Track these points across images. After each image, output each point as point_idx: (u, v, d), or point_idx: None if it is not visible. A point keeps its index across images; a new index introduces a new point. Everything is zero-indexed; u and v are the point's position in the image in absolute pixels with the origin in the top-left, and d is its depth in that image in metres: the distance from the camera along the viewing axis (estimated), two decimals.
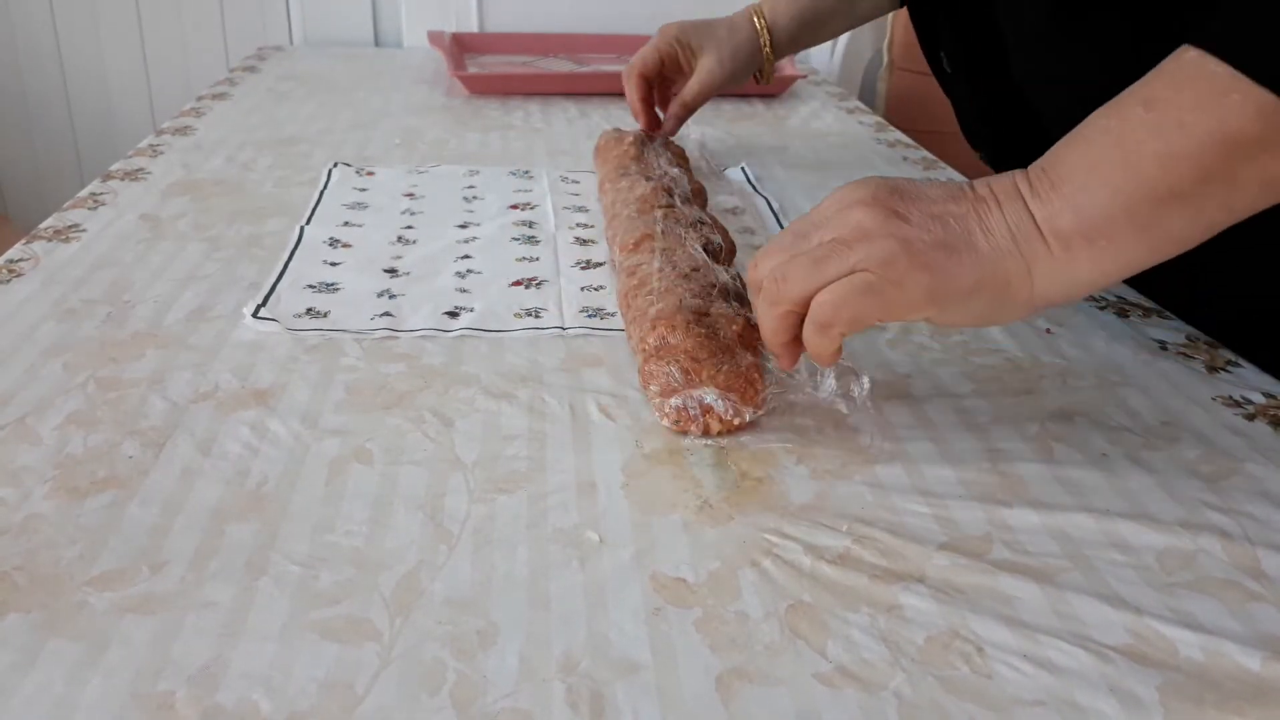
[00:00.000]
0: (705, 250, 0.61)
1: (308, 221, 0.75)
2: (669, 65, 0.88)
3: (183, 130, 0.98)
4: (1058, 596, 0.38)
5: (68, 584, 0.37)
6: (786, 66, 1.27)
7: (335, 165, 0.88)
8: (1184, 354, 0.58)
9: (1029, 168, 0.44)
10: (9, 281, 0.62)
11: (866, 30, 1.59)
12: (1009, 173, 0.45)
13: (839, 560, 0.40)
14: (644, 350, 0.52)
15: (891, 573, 0.39)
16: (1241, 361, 0.57)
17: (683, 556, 0.40)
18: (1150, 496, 0.45)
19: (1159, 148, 0.40)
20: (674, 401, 0.48)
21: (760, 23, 0.87)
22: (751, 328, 0.53)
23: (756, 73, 0.90)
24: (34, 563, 0.38)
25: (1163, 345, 0.59)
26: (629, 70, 0.88)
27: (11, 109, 1.68)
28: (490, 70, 1.32)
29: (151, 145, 0.93)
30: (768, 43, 0.88)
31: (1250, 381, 0.55)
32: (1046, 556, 0.41)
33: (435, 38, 1.34)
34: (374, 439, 0.47)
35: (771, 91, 1.22)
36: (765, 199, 0.84)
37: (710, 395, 0.48)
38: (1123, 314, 0.63)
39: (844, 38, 1.57)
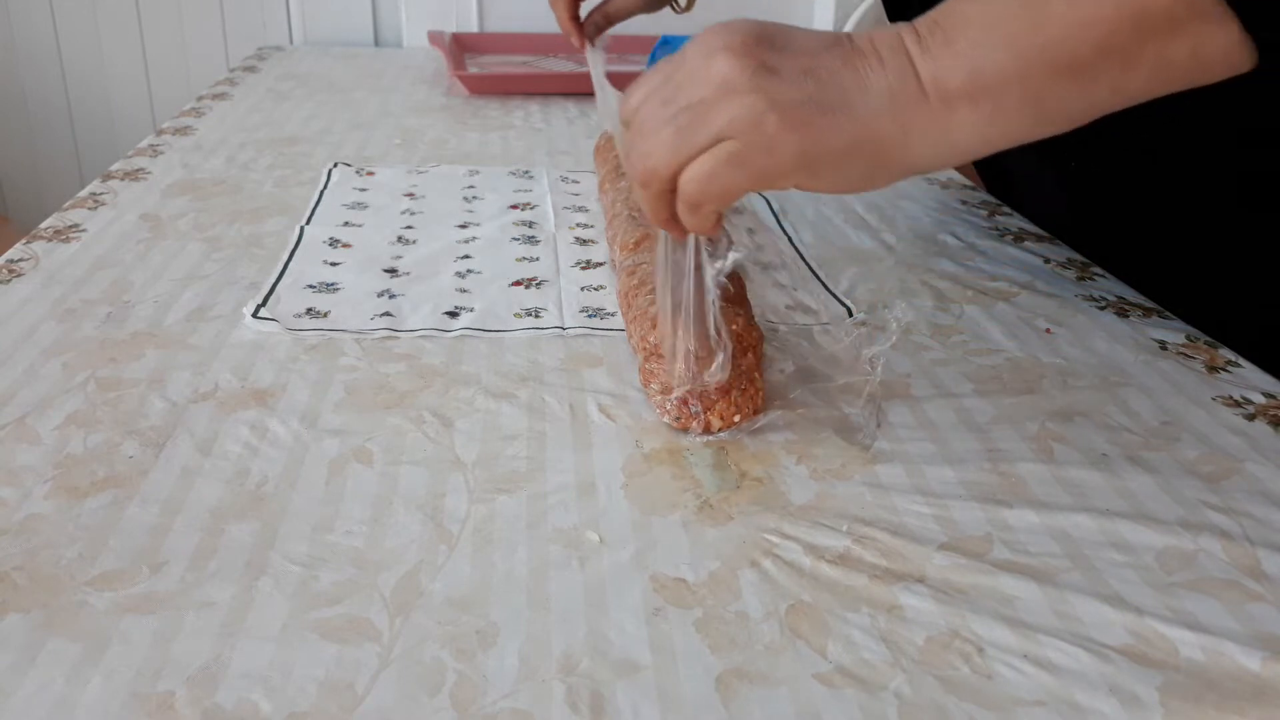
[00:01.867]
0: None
1: (308, 221, 0.75)
2: None
3: (183, 130, 0.98)
4: (1058, 596, 0.38)
5: (68, 584, 0.37)
6: None
7: (335, 165, 0.88)
8: (1184, 354, 0.58)
9: (920, 18, 0.41)
10: (9, 281, 0.62)
11: (866, 30, 1.59)
12: (895, 25, 0.41)
13: (839, 560, 0.40)
14: (645, 349, 0.52)
15: (891, 573, 0.39)
16: (1241, 361, 0.57)
17: (683, 556, 0.40)
18: (1150, 496, 0.45)
19: (1065, 11, 0.38)
20: (675, 399, 0.48)
21: None
22: (751, 327, 0.53)
23: (674, 3, 0.91)
24: (34, 563, 0.38)
25: (1163, 345, 0.59)
26: None
27: (11, 109, 1.68)
28: (490, 70, 1.32)
29: (151, 145, 0.93)
30: None
31: (1250, 381, 0.55)
32: (1046, 556, 0.41)
33: (435, 38, 1.34)
34: (374, 439, 0.47)
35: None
36: (765, 199, 0.84)
37: (711, 392, 0.48)
38: (1123, 314, 0.63)
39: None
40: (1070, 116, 0.40)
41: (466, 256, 0.69)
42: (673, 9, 0.91)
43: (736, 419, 0.48)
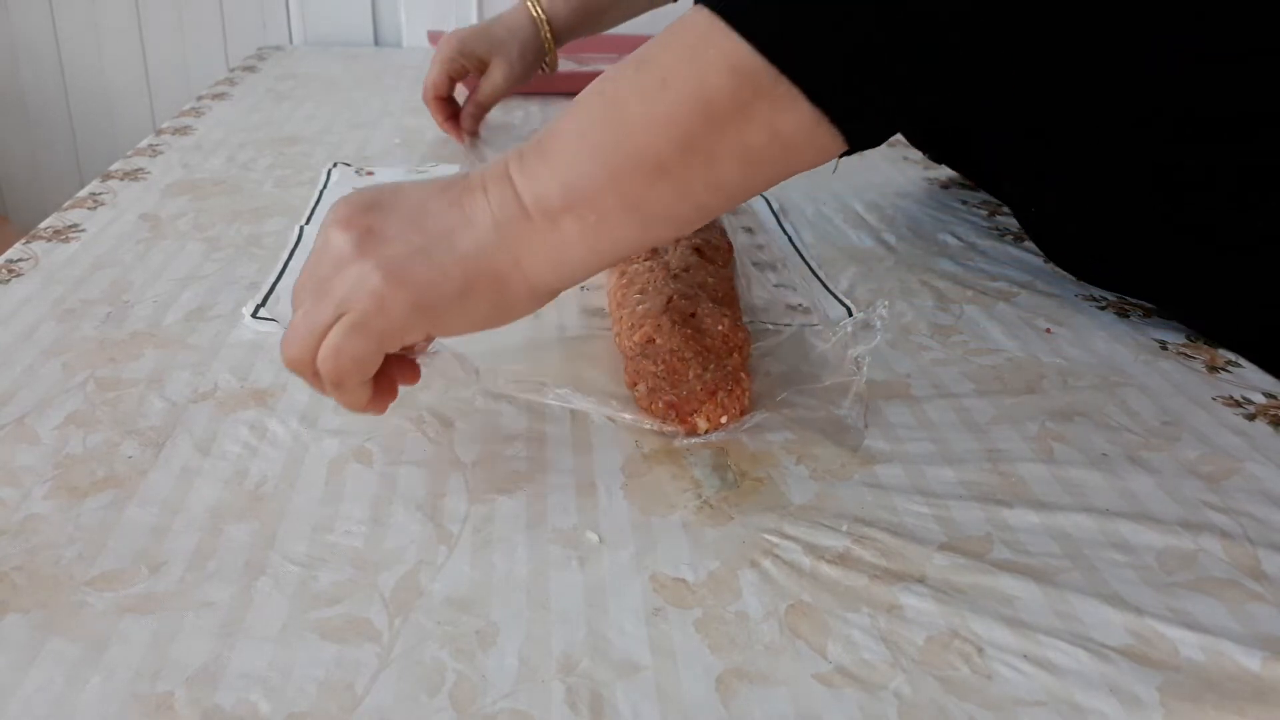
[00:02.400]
0: (701, 252, 0.61)
1: (307, 221, 0.75)
2: (460, 80, 0.91)
3: (183, 130, 0.98)
4: (1058, 596, 0.38)
5: (67, 584, 0.37)
6: None
7: (335, 165, 0.88)
8: (1184, 354, 0.58)
9: (526, 144, 0.41)
10: (9, 281, 0.62)
11: None
12: (505, 154, 0.41)
13: (839, 560, 0.40)
14: (630, 349, 0.52)
15: (891, 573, 0.39)
16: (1241, 361, 0.57)
17: (683, 556, 0.40)
18: (1150, 496, 0.45)
19: (642, 112, 0.37)
20: (661, 401, 0.48)
21: (540, 15, 0.89)
22: (737, 327, 0.53)
23: (543, 65, 0.92)
24: (34, 563, 0.38)
25: (1163, 345, 0.59)
26: (425, 96, 0.92)
27: (11, 109, 1.68)
28: None
29: (151, 145, 0.93)
30: (549, 34, 0.89)
31: (1250, 381, 0.55)
32: (1046, 556, 0.41)
33: (435, 38, 1.34)
34: (373, 439, 0.47)
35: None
36: (765, 199, 0.84)
37: (698, 394, 0.48)
38: (1123, 314, 0.63)
39: None
40: (677, 217, 0.40)
41: None
42: (542, 70, 0.94)
43: (723, 420, 0.48)
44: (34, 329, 0.56)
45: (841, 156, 0.40)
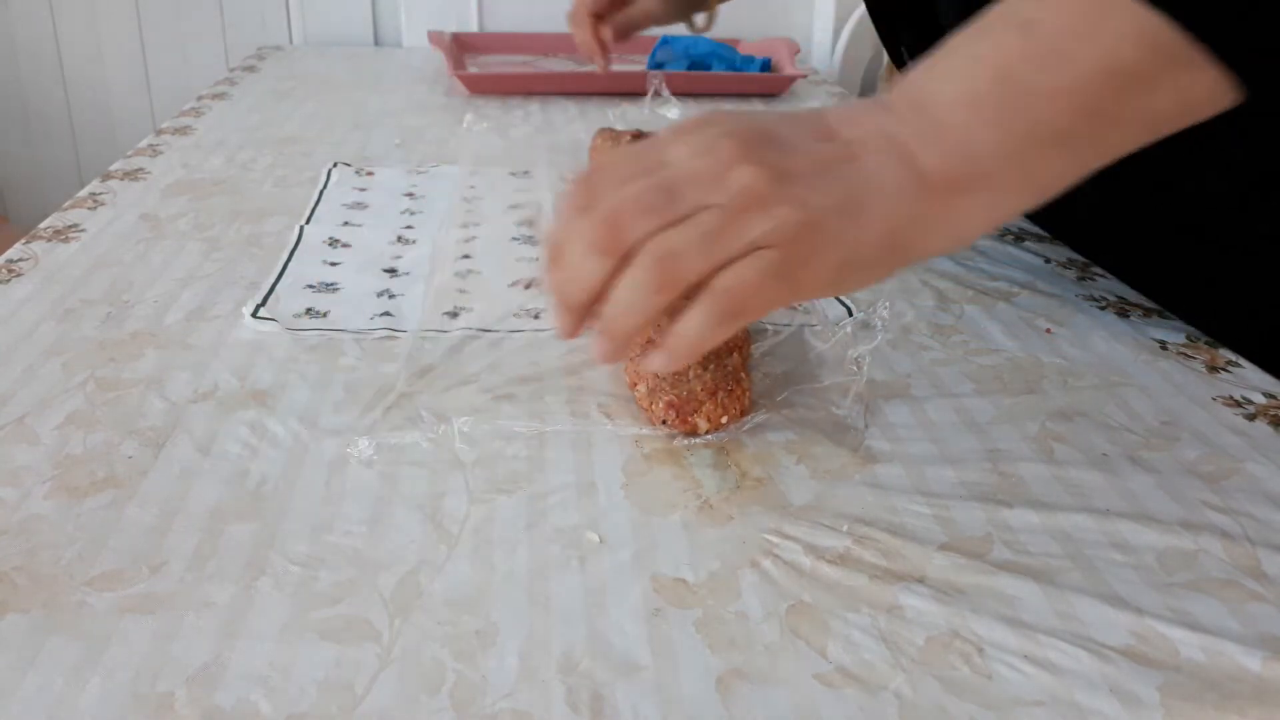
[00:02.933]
0: None
1: (307, 221, 0.75)
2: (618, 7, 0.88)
3: (183, 130, 0.98)
4: (1058, 596, 0.38)
5: (67, 584, 0.37)
6: (786, 66, 1.27)
7: (335, 165, 0.88)
8: (1184, 354, 0.58)
9: (894, 99, 0.39)
10: (9, 281, 0.62)
11: (866, 31, 1.59)
12: (870, 107, 0.40)
13: (839, 560, 0.40)
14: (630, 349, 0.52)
15: (891, 573, 0.39)
16: (1241, 361, 0.57)
17: (683, 557, 0.40)
18: (1150, 496, 0.45)
19: (1043, 82, 0.37)
20: (661, 401, 0.48)
21: None
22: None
23: (690, 20, 0.91)
24: (34, 563, 0.38)
25: (1163, 345, 0.59)
26: (577, 9, 0.88)
27: (11, 109, 1.68)
28: (490, 70, 1.32)
29: (151, 145, 0.93)
30: None
31: (1250, 381, 0.55)
32: (1046, 556, 0.41)
33: (435, 38, 1.34)
34: (373, 439, 0.47)
35: (772, 91, 1.22)
36: None
37: (698, 394, 0.48)
38: (1123, 314, 0.63)
39: (844, 37, 1.57)
40: (1063, 181, 0.39)
41: (466, 256, 0.69)
42: (689, 26, 0.91)
43: (724, 420, 0.48)
44: (34, 329, 0.56)
45: None
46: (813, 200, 0.37)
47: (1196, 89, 0.37)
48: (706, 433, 0.48)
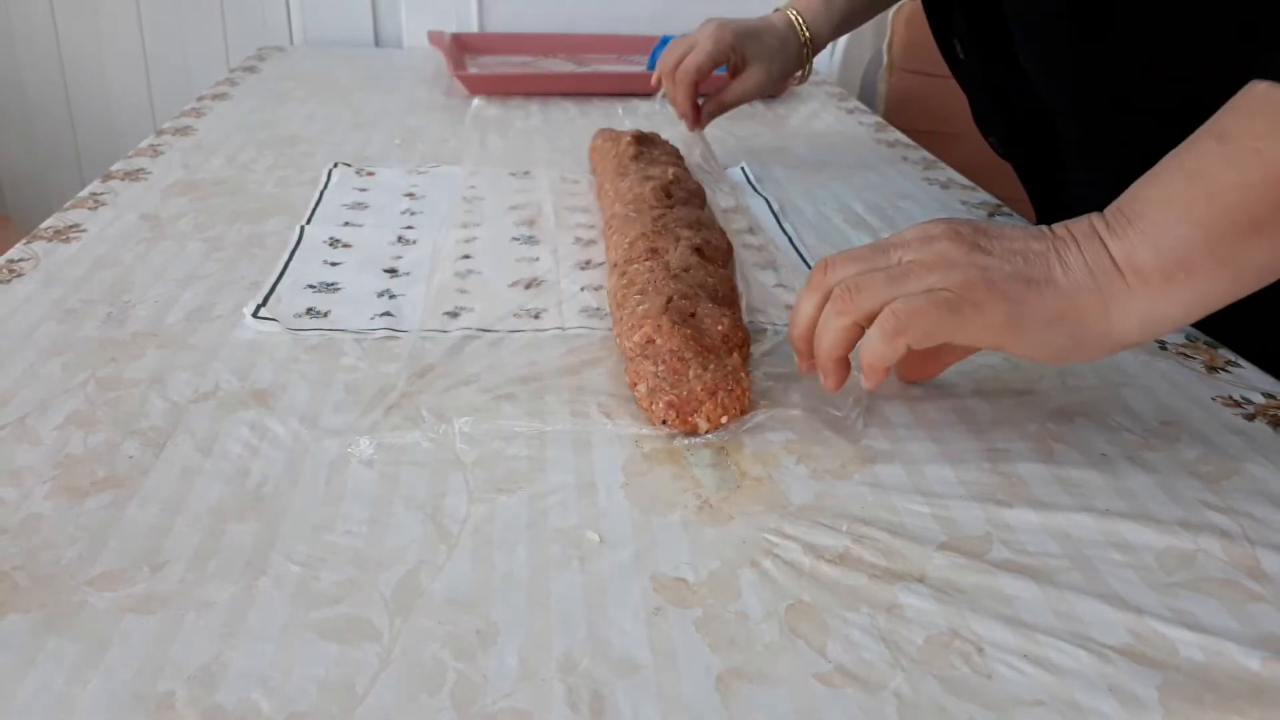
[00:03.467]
0: (701, 252, 0.61)
1: (308, 221, 0.75)
2: (716, 68, 0.89)
3: (183, 130, 0.98)
4: (1058, 596, 0.38)
5: (68, 584, 0.37)
6: None
7: (335, 165, 0.88)
8: (1184, 354, 0.58)
9: (1106, 209, 0.45)
10: (9, 281, 0.62)
11: (866, 30, 1.59)
12: (1086, 215, 0.45)
13: (839, 560, 0.40)
14: (630, 349, 0.52)
15: (891, 573, 0.39)
16: (1241, 361, 0.57)
17: (683, 556, 0.40)
18: (1150, 496, 0.45)
19: (1234, 178, 0.41)
20: (661, 401, 0.48)
21: (803, 32, 0.88)
22: (737, 327, 0.53)
23: (794, 77, 0.92)
24: (34, 563, 0.38)
25: (1163, 345, 0.59)
26: (683, 74, 0.88)
27: (11, 109, 1.68)
28: (490, 70, 1.32)
29: (152, 145, 0.93)
30: (809, 51, 0.89)
31: (1250, 381, 0.55)
32: (1046, 556, 0.41)
33: (435, 38, 1.34)
34: (374, 439, 0.47)
35: (772, 93, 1.22)
36: (765, 199, 0.84)
37: (698, 394, 0.48)
38: None
39: (844, 38, 1.57)
40: (1270, 268, 0.42)
41: (467, 256, 0.69)
42: (795, 82, 0.93)
43: (724, 420, 0.48)
44: (35, 329, 0.56)
45: None
46: (995, 265, 0.43)
47: None
48: (706, 432, 0.48)
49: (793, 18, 0.89)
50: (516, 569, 0.39)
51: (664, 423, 0.48)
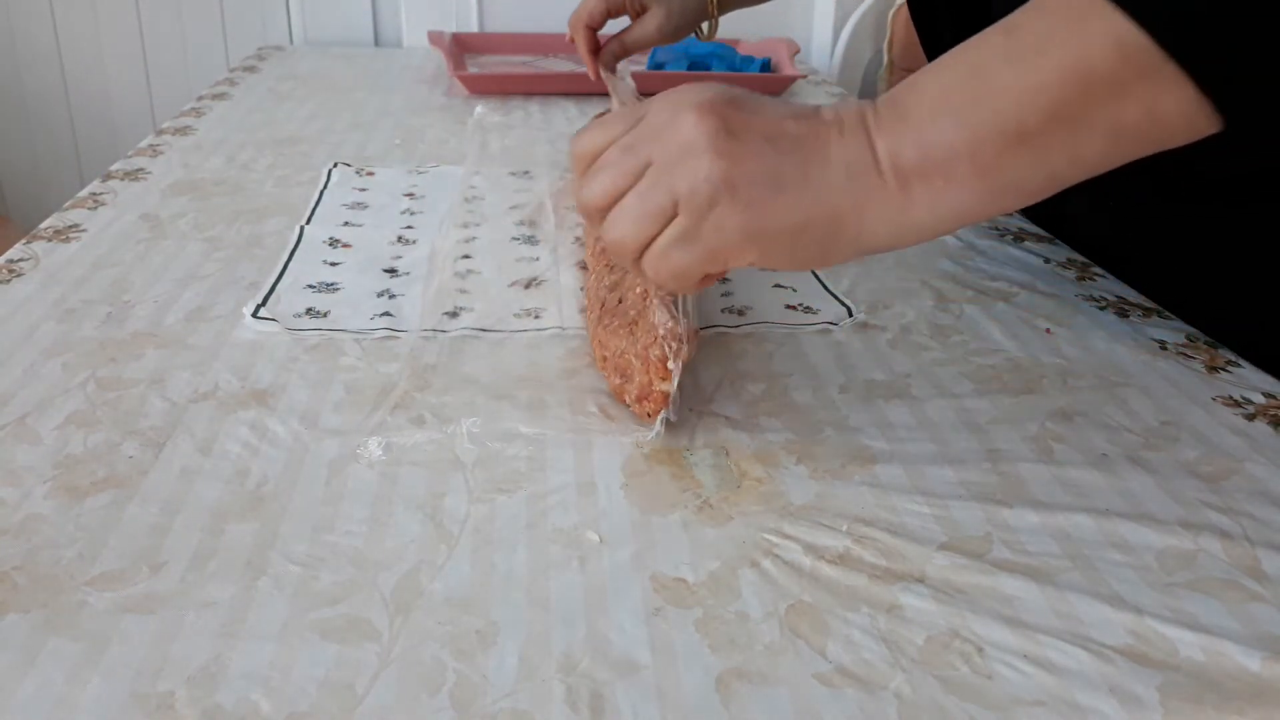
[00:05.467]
0: None
1: (308, 221, 0.75)
2: (615, 16, 0.88)
3: (183, 130, 0.98)
4: (1058, 596, 0.38)
5: (68, 584, 0.37)
6: (786, 67, 1.27)
7: (335, 165, 0.88)
8: (1184, 354, 0.58)
9: (881, 97, 0.41)
10: (9, 281, 0.62)
11: (866, 30, 1.59)
12: (860, 101, 0.41)
13: (839, 560, 0.40)
14: (599, 363, 0.53)
15: (891, 573, 0.39)
16: (1241, 361, 0.57)
17: (683, 556, 0.40)
18: (1150, 496, 0.45)
19: (1011, 78, 0.37)
20: (632, 401, 0.49)
21: None
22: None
23: (699, 29, 0.91)
24: (34, 563, 0.38)
25: (1163, 345, 0.59)
26: (575, 20, 0.88)
27: (11, 109, 1.68)
28: (490, 70, 1.32)
29: (151, 145, 0.93)
30: (715, 1, 0.88)
31: (1250, 381, 0.55)
32: (1046, 556, 0.41)
33: (435, 38, 1.34)
34: (374, 439, 0.47)
35: (771, 92, 1.22)
36: None
37: (632, 363, 0.48)
38: (1123, 314, 0.63)
39: (844, 38, 1.57)
40: (1027, 189, 0.39)
41: (467, 256, 0.69)
42: (696, 35, 0.92)
43: (670, 366, 0.46)
44: (35, 329, 0.56)
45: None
46: (739, 159, 0.39)
47: (1167, 104, 0.36)
48: (676, 390, 0.47)
49: None
50: (516, 569, 0.39)
51: (649, 415, 0.48)
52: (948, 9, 0.72)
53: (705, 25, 0.91)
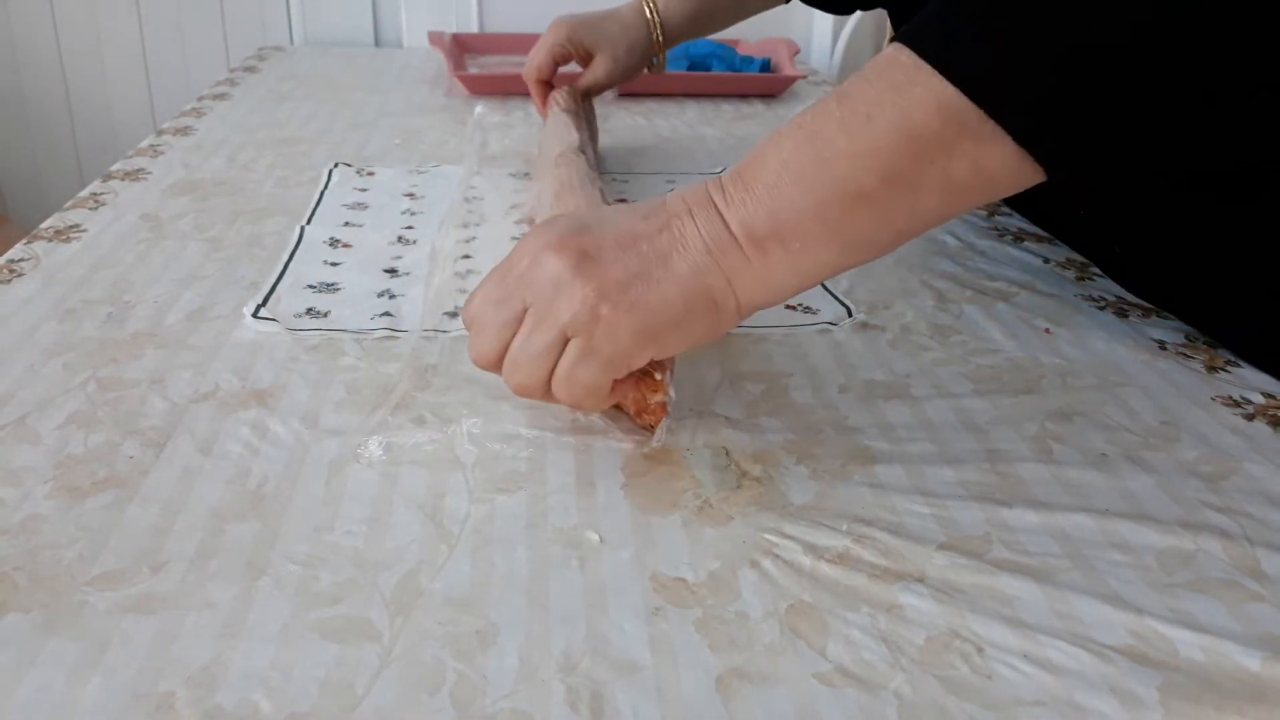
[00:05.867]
0: None
1: (308, 221, 0.75)
2: (563, 65, 0.91)
3: (183, 130, 0.98)
4: (1058, 596, 0.38)
5: (68, 584, 0.37)
6: (786, 67, 1.27)
7: (335, 165, 0.88)
8: (1184, 354, 0.58)
9: (725, 173, 0.43)
10: (9, 281, 0.62)
11: (866, 31, 1.59)
12: (703, 183, 0.44)
13: (839, 560, 0.40)
14: None
15: (891, 573, 0.39)
16: (1241, 362, 0.57)
17: (683, 556, 0.40)
18: (1150, 496, 0.45)
19: (845, 144, 0.39)
20: (632, 421, 0.48)
21: (653, 18, 0.89)
22: None
23: (649, 65, 0.92)
24: (34, 563, 0.38)
25: (1163, 345, 0.59)
26: (527, 74, 0.91)
27: (11, 109, 1.68)
28: (490, 70, 1.32)
29: (152, 145, 0.93)
30: (660, 37, 0.89)
31: (1250, 381, 0.55)
32: (1046, 556, 0.41)
33: (435, 38, 1.34)
34: (374, 439, 0.47)
35: (771, 92, 1.22)
36: None
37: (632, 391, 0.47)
38: (1123, 314, 0.63)
39: (844, 38, 1.57)
40: (878, 242, 0.42)
41: (467, 256, 0.69)
42: (648, 70, 0.93)
43: (658, 377, 0.46)
44: (35, 329, 0.56)
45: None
46: (608, 276, 0.41)
47: (993, 160, 0.38)
48: (666, 405, 0.47)
49: (642, 3, 0.89)
50: (516, 569, 0.39)
51: (651, 428, 0.48)
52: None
53: (655, 59, 0.92)
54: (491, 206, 0.79)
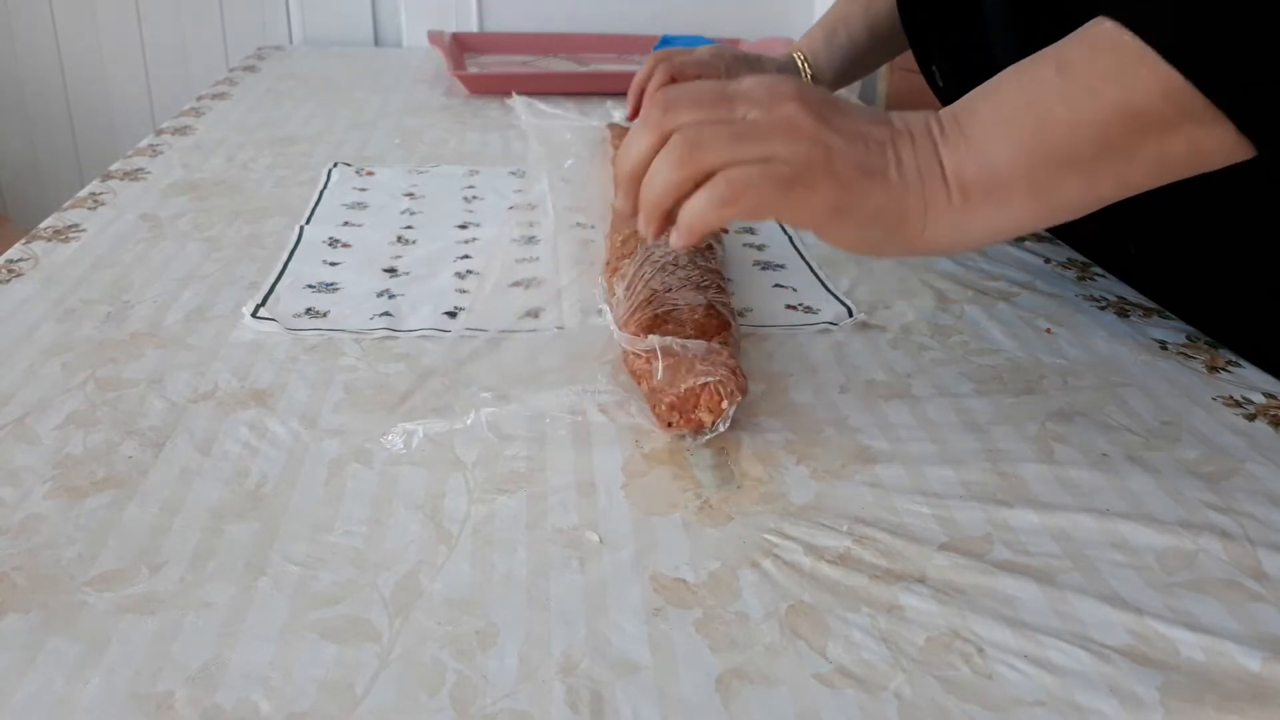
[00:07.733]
0: (702, 250, 0.61)
1: (307, 221, 0.75)
2: (701, 73, 0.88)
3: (182, 130, 0.98)
4: (1058, 596, 0.38)
5: (67, 584, 0.37)
6: None
7: (335, 165, 0.88)
8: (1184, 354, 0.58)
9: (942, 111, 0.44)
10: (9, 281, 0.62)
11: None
12: (923, 112, 0.45)
13: (839, 560, 0.40)
14: (624, 351, 0.51)
15: (891, 573, 0.39)
16: (1241, 361, 0.57)
17: (683, 556, 0.40)
18: (1150, 496, 0.45)
19: (1066, 113, 0.41)
20: (663, 404, 0.48)
21: (805, 70, 0.88)
22: (711, 314, 0.52)
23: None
24: (34, 563, 0.38)
25: (1163, 345, 0.59)
26: (662, 61, 0.85)
27: (11, 109, 1.68)
28: (490, 70, 1.32)
29: (151, 145, 0.93)
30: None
31: (1250, 381, 0.55)
32: (1046, 556, 0.41)
33: (435, 38, 1.34)
34: (373, 439, 0.47)
35: None
36: None
37: (695, 389, 0.47)
38: (1123, 314, 0.63)
39: None
40: (1078, 206, 0.43)
41: (466, 256, 0.69)
42: None
43: (724, 405, 0.47)
44: (34, 329, 0.56)
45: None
46: (838, 146, 0.42)
47: (1210, 142, 0.40)
48: (713, 424, 0.47)
49: (795, 53, 0.89)
50: (516, 569, 0.39)
51: (670, 425, 0.48)
52: (931, 8, 0.72)
53: None
54: (492, 206, 0.79)
